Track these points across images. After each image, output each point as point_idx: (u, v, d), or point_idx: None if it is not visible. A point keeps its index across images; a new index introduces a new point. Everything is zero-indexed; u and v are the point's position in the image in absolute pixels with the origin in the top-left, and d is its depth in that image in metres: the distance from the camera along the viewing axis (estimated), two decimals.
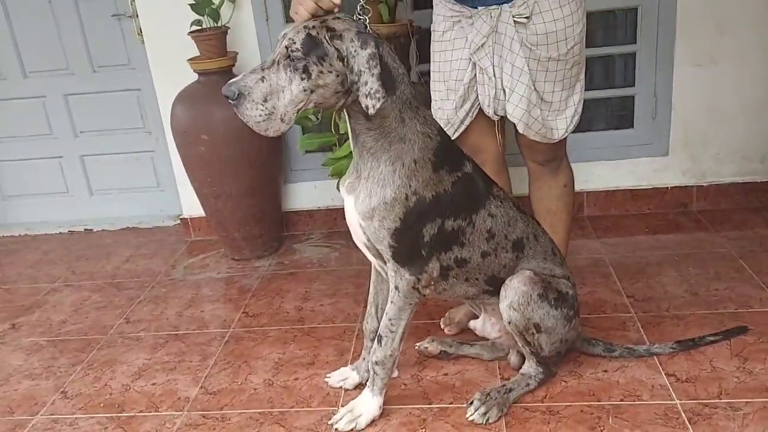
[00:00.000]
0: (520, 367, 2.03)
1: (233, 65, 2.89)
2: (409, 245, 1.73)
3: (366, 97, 1.55)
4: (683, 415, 1.81)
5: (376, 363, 1.87)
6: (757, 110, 2.96)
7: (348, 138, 2.51)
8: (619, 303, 2.40)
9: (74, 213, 3.69)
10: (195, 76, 2.94)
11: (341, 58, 1.55)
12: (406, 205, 1.68)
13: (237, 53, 2.92)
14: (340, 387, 2.07)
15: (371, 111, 1.56)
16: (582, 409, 1.88)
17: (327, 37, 1.55)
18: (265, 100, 1.54)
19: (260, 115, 1.55)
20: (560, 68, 1.92)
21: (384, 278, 1.95)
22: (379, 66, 1.54)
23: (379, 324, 2.00)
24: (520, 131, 1.99)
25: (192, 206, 3.34)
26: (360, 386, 2.05)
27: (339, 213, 3.29)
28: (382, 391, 1.90)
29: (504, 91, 1.95)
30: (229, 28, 2.88)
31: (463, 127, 2.05)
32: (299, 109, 1.59)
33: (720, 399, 1.86)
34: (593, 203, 3.16)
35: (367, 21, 1.66)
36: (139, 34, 3.25)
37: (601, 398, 1.91)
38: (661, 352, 2.07)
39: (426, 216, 1.71)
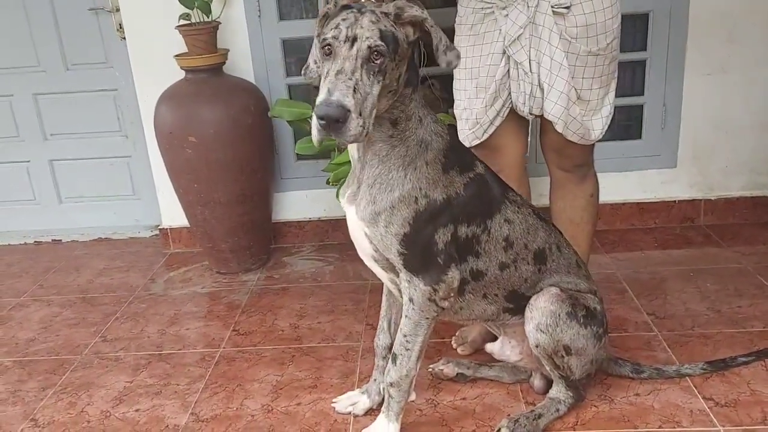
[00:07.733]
0: (545, 391, 1.87)
1: (224, 62, 2.69)
2: (420, 252, 1.57)
3: (445, 53, 1.44)
4: None
5: (391, 384, 1.68)
6: (766, 122, 2.88)
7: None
8: (641, 321, 2.25)
9: (41, 222, 3.41)
10: (181, 74, 2.74)
11: (408, 42, 1.45)
12: (415, 209, 1.54)
13: (228, 50, 2.72)
14: (349, 413, 1.87)
15: (454, 64, 1.45)
16: None
17: (392, 24, 1.43)
18: (360, 113, 1.36)
19: (359, 127, 1.36)
20: (599, 63, 1.79)
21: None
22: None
23: (392, 340, 1.83)
24: (559, 130, 1.84)
25: (172, 216, 3.11)
26: (371, 411, 1.86)
27: (331, 225, 3.09)
28: (399, 416, 1.71)
29: (541, 87, 1.80)
30: (220, 23, 2.68)
31: (492, 128, 1.89)
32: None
33: (765, 425, 1.72)
34: (599, 217, 3.02)
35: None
36: (119, 30, 3.04)
37: (637, 425, 1.76)
38: (692, 374, 1.94)
39: (436, 220, 1.56)
